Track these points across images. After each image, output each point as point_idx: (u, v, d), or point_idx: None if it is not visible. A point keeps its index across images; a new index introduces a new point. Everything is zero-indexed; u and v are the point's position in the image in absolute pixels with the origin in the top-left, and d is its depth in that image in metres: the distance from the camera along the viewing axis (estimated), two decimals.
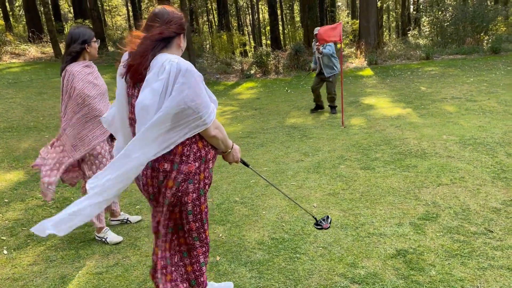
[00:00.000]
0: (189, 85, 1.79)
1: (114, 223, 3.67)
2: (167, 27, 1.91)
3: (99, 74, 3.27)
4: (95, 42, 3.16)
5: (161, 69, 1.81)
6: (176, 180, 1.91)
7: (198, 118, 1.83)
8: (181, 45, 2.00)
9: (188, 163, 1.92)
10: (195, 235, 2.08)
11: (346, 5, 44.19)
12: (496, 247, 2.81)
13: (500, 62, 12.37)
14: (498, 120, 6.12)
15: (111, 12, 45.13)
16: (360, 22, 17.63)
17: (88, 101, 3.05)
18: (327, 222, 2.65)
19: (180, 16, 1.98)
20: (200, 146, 1.96)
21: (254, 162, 5.28)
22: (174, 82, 1.79)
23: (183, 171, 1.91)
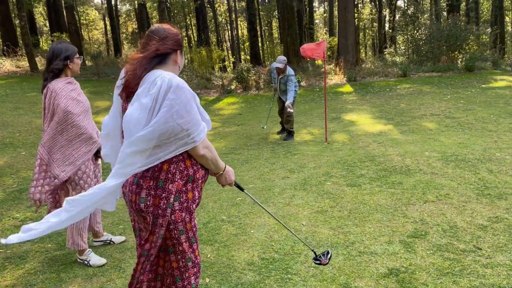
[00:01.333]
0: (179, 102, 1.75)
1: (97, 244, 3.53)
2: (163, 43, 1.89)
3: (81, 90, 3.18)
4: (77, 58, 3.07)
5: (152, 84, 1.78)
6: (163, 199, 1.85)
7: (187, 135, 1.79)
8: (178, 62, 1.97)
9: (175, 181, 1.86)
10: (188, 257, 2.00)
11: (323, 22, 45.11)
12: (486, 265, 2.82)
13: (474, 80, 12.77)
14: (477, 137, 6.26)
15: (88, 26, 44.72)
16: (339, 40, 17.98)
17: (72, 118, 2.94)
18: (327, 257, 2.54)
19: (176, 33, 1.96)
20: (187, 165, 1.90)
21: (240, 179, 5.22)
22: (164, 98, 1.75)
23: (170, 190, 1.85)
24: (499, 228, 3.34)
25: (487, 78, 13.02)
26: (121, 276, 3.00)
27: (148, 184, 1.85)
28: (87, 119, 3.08)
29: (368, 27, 39.89)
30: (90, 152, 3.05)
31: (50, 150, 2.95)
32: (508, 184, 4.25)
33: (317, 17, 46.34)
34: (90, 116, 3.15)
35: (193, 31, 37.87)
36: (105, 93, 12.25)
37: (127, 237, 3.66)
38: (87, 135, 3.01)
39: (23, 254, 3.39)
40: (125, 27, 42.62)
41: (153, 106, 1.76)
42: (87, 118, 3.09)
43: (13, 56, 16.37)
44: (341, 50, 17.39)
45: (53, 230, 1.86)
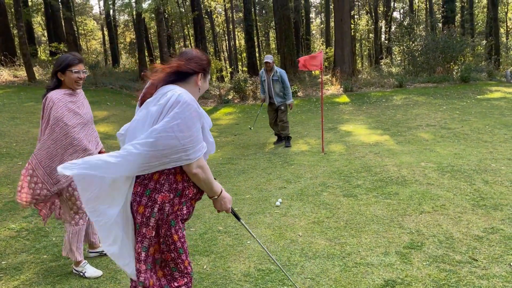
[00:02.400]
0: (182, 116, 1.79)
1: (93, 255, 3.52)
2: (187, 63, 1.99)
3: (85, 102, 3.16)
4: (71, 72, 2.97)
5: (163, 95, 1.86)
6: (149, 207, 1.90)
7: (183, 150, 1.81)
8: (199, 84, 2.05)
9: (162, 192, 1.90)
10: (172, 266, 2.01)
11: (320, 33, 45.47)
12: (482, 276, 2.83)
13: (470, 91, 12.87)
14: (473, 148, 6.30)
15: (86, 36, 44.89)
16: (335, 51, 18.12)
17: (66, 129, 2.92)
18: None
19: (203, 58, 2.06)
20: (178, 179, 1.93)
21: (236, 189, 5.22)
22: (170, 110, 1.80)
23: (156, 200, 1.89)
24: (494, 239, 3.35)
25: (482, 89, 13.13)
26: (117, 287, 2.99)
27: (136, 190, 1.92)
28: (85, 131, 3.08)
29: (365, 38, 40.24)
30: None
31: (42, 160, 2.94)
32: (503, 195, 4.28)
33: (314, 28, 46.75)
34: (89, 128, 3.14)
35: (191, 41, 38.07)
36: (102, 103, 12.28)
37: None
38: (81, 147, 2.98)
39: (19, 265, 3.37)
40: (123, 37, 42.82)
41: (158, 116, 1.82)
42: (85, 130, 3.08)
43: (11, 65, 16.40)
44: (338, 60, 17.53)
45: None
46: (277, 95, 7.55)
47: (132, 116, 2.69)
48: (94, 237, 3.46)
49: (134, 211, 1.93)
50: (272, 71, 7.49)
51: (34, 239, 3.92)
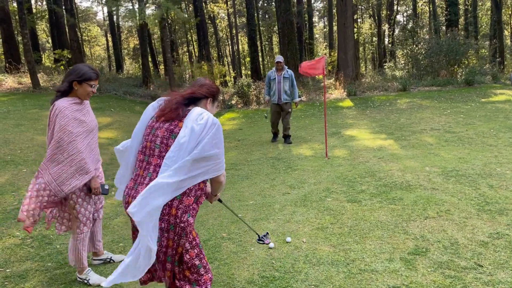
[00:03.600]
0: (219, 136, 2.22)
1: (97, 263, 3.52)
2: (199, 89, 2.40)
3: (90, 110, 3.19)
4: (88, 85, 3.02)
5: (199, 116, 2.21)
6: (179, 209, 2.16)
7: (218, 163, 2.23)
8: (207, 107, 2.43)
9: (189, 196, 2.21)
10: (197, 263, 2.27)
11: (323, 37, 45.52)
12: (487, 282, 2.80)
13: (474, 94, 12.82)
14: (477, 152, 6.27)
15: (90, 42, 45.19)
16: (338, 54, 18.11)
17: (71, 137, 2.93)
18: (268, 238, 3.28)
19: (213, 86, 2.47)
20: (201, 186, 2.29)
21: (240, 195, 5.22)
22: (209, 130, 2.18)
23: (184, 203, 2.18)
24: (500, 245, 3.32)
25: (486, 92, 13.08)
26: None
27: None
28: (88, 139, 3.09)
29: (368, 41, 40.24)
30: (79, 182, 3.02)
31: (49, 167, 2.96)
32: (509, 200, 4.25)
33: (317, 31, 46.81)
34: (93, 136, 3.16)
35: (194, 46, 38.22)
36: (106, 109, 12.33)
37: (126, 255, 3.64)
38: (80, 160, 2.97)
39: (23, 273, 3.38)
40: (127, 43, 43.08)
41: (201, 133, 2.16)
42: (88, 138, 3.10)
43: (16, 72, 16.52)
44: (341, 64, 17.52)
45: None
46: (285, 92, 8.31)
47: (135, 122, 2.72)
48: (98, 244, 3.47)
49: (166, 214, 2.14)
50: (283, 70, 8.35)
51: (39, 246, 3.93)
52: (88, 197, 3.13)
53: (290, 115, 8.53)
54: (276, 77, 8.33)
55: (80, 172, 2.97)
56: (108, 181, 6.25)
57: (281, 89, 8.27)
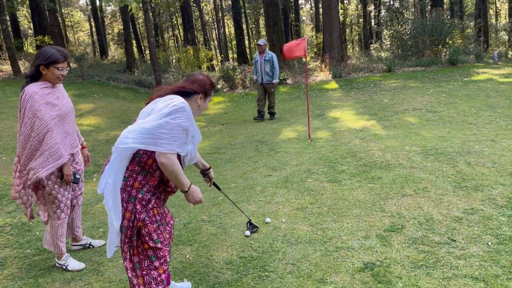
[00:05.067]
0: (187, 115, 2.16)
1: (76, 248, 3.52)
2: (190, 84, 2.36)
3: (63, 93, 3.13)
4: (56, 68, 2.94)
5: (170, 99, 2.21)
6: (141, 185, 2.20)
7: (167, 138, 2.09)
8: (199, 103, 2.38)
9: (154, 176, 2.22)
10: (155, 237, 2.27)
11: (310, 19, 45.21)
12: (459, 256, 2.87)
13: (457, 74, 12.92)
14: (457, 130, 6.35)
15: (73, 28, 44.29)
16: (324, 36, 18.04)
17: (41, 123, 2.88)
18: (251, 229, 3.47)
19: (207, 82, 2.41)
20: None
21: (222, 178, 5.23)
22: (172, 109, 2.13)
23: (148, 181, 2.21)
24: (474, 220, 3.40)
25: (469, 72, 13.18)
26: (100, 279, 3.00)
27: (133, 167, 2.20)
28: (63, 123, 3.05)
29: (354, 23, 40.08)
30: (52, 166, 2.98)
31: (23, 151, 2.93)
32: (485, 176, 4.33)
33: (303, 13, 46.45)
34: (68, 121, 3.12)
35: (179, 30, 37.71)
36: (89, 96, 12.16)
37: (106, 240, 3.64)
38: (53, 144, 2.93)
39: (2, 260, 3.37)
40: (111, 28, 42.30)
41: (163, 109, 2.14)
42: (64, 123, 3.06)
43: None
44: (326, 46, 17.46)
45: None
46: (267, 74, 8.95)
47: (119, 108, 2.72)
48: (77, 230, 3.46)
49: (129, 185, 2.18)
50: (264, 53, 8.94)
51: (18, 234, 3.92)
52: (63, 182, 3.11)
53: (273, 94, 9.24)
54: (259, 59, 9.01)
55: (54, 157, 2.94)
56: (91, 167, 6.21)
57: (263, 70, 8.95)
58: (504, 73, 12.39)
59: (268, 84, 9.04)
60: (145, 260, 2.28)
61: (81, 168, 3.29)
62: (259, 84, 9.18)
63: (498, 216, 3.43)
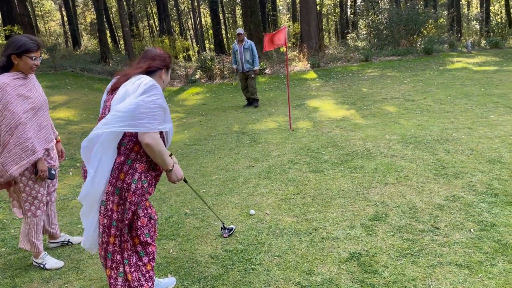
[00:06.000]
0: (160, 92, 2.16)
1: (53, 246, 3.40)
2: (152, 61, 2.34)
3: (36, 85, 2.97)
4: (28, 58, 2.80)
5: (137, 79, 2.18)
6: (129, 175, 2.15)
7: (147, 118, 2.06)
8: (162, 78, 2.39)
9: (142, 162, 2.19)
10: (146, 231, 2.26)
11: (287, 8, 45.06)
12: (443, 244, 2.90)
13: (432, 63, 13.11)
14: (435, 118, 6.44)
15: (44, 17, 42.87)
16: (302, 26, 17.99)
17: (13, 116, 2.73)
18: (227, 233, 3.28)
19: (165, 56, 2.41)
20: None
21: (203, 171, 5.15)
22: (144, 88, 2.11)
23: (137, 169, 2.17)
24: (455, 207, 3.44)
25: (444, 60, 13.40)
26: (80, 277, 2.90)
27: (119, 160, 2.14)
28: (36, 117, 2.91)
29: (331, 12, 40.17)
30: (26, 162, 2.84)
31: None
32: (464, 163, 4.39)
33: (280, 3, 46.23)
34: (42, 114, 2.97)
35: (154, 20, 36.98)
36: (62, 87, 11.80)
37: None
38: (26, 139, 2.79)
39: None
40: (83, 17, 41.12)
41: (135, 91, 2.12)
42: (37, 116, 2.92)
43: None
44: (304, 36, 17.43)
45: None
46: (247, 62, 9.13)
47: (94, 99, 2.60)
48: (53, 227, 3.33)
49: (115, 177, 2.14)
50: (243, 42, 9.10)
51: None
52: (38, 178, 2.97)
53: (254, 80, 9.39)
54: (238, 48, 9.16)
55: (27, 153, 2.80)
56: (67, 161, 6.03)
57: (243, 58, 9.12)
58: (477, 62, 12.64)
59: (249, 72, 9.22)
60: (134, 256, 2.25)
61: (56, 164, 3.16)
62: (240, 73, 9.34)
63: (479, 202, 3.48)
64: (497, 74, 10.22)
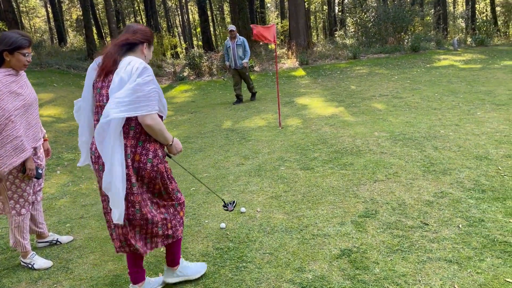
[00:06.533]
0: (151, 72, 2.22)
1: (42, 245, 3.35)
2: (133, 35, 2.36)
3: (27, 82, 2.93)
4: (21, 54, 2.77)
5: (128, 65, 2.20)
6: (143, 155, 2.27)
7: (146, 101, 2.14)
8: (144, 52, 2.42)
9: (151, 141, 2.30)
10: (176, 191, 2.51)
11: (275, 6, 45.03)
12: (433, 240, 2.93)
13: (420, 60, 13.24)
14: (423, 115, 6.50)
15: (29, 13, 42.18)
16: (290, 23, 18.01)
17: (6, 113, 2.69)
18: (232, 205, 3.17)
19: (147, 30, 2.44)
20: None
21: (193, 168, 5.13)
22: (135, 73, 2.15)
23: (149, 149, 2.28)
24: (444, 203, 3.48)
25: (431, 58, 13.54)
26: (69, 277, 2.87)
27: (130, 143, 2.24)
28: (27, 114, 2.86)
29: (319, 10, 40.28)
30: (16, 160, 2.79)
31: None
32: (451, 160, 4.44)
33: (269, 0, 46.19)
34: (32, 112, 2.92)
35: (141, 16, 36.66)
36: (48, 85, 11.63)
37: (74, 236, 3.50)
38: (15, 137, 2.74)
39: None
40: (69, 14, 40.55)
41: (128, 79, 2.16)
42: (27, 113, 2.87)
43: None
44: (293, 33, 17.45)
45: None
46: (240, 58, 9.27)
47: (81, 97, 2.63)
48: (40, 227, 3.29)
49: (131, 160, 2.23)
50: (235, 38, 9.27)
51: None
52: (25, 177, 2.93)
53: (249, 76, 9.62)
54: (231, 44, 9.29)
55: (16, 151, 2.75)
56: (54, 160, 5.95)
57: (236, 55, 9.26)
58: (464, 59, 12.81)
59: (242, 68, 9.38)
60: (171, 208, 2.50)
61: (43, 163, 3.11)
62: (233, 69, 9.47)
63: (467, 199, 3.52)
64: (483, 71, 10.37)
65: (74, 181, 5.14)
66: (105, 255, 3.14)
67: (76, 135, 7.48)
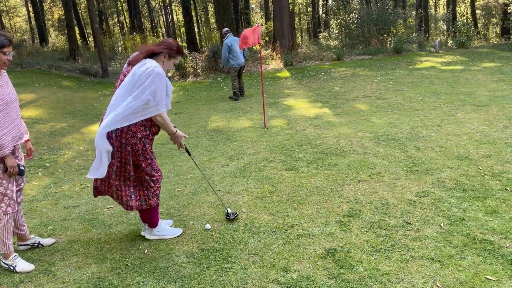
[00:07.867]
0: (156, 83, 2.80)
1: (23, 248, 3.29)
2: (158, 46, 2.99)
3: (7, 81, 2.88)
4: (1, 53, 2.74)
5: (144, 65, 2.84)
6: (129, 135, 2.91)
7: (150, 107, 2.84)
8: (163, 62, 2.99)
9: (136, 125, 2.90)
10: (150, 168, 3.07)
11: (259, 7, 45.11)
12: (415, 238, 2.98)
13: (402, 62, 13.43)
14: (405, 116, 6.60)
15: (9, 13, 41.34)
16: (274, 25, 18.07)
17: None
18: (234, 215, 3.51)
19: (173, 45, 3.03)
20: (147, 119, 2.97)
21: (178, 170, 5.10)
22: (147, 76, 2.79)
23: (135, 132, 2.91)
24: (426, 203, 3.54)
25: (413, 60, 13.75)
26: (51, 280, 2.82)
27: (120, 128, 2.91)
28: (7, 112, 2.81)
29: (303, 11, 40.50)
30: None
31: None
32: (433, 160, 4.52)
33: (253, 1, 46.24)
34: (12, 110, 2.87)
35: (125, 16, 36.30)
36: (29, 85, 11.42)
37: (57, 238, 3.44)
38: None
39: None
40: (51, 13, 39.89)
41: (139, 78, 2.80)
42: (6, 111, 2.81)
43: None
44: (277, 35, 17.52)
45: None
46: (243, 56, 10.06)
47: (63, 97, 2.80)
48: (21, 229, 3.22)
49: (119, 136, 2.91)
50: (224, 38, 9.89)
51: None
52: (7, 175, 2.87)
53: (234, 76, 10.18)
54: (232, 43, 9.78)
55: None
56: (36, 161, 5.85)
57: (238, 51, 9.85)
58: (445, 61, 13.04)
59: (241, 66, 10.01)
60: (145, 181, 3.07)
61: (21, 163, 3.05)
62: (237, 68, 10.01)
63: (448, 198, 3.59)
64: (463, 73, 10.58)
65: (56, 183, 5.06)
66: (88, 257, 3.10)
67: (58, 136, 7.36)
